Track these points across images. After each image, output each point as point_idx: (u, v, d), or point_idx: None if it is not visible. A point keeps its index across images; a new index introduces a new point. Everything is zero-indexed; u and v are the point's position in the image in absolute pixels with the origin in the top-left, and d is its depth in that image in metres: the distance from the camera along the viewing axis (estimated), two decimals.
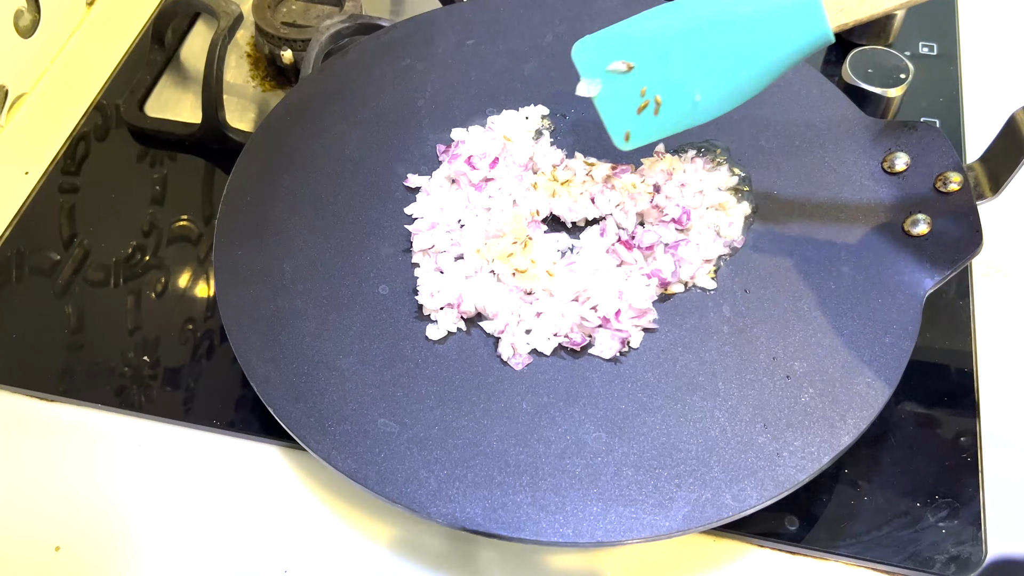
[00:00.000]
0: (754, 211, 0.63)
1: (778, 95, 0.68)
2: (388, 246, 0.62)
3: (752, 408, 0.54)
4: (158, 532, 0.57)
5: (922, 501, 0.56)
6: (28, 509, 0.58)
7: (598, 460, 0.52)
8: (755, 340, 0.57)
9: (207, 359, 0.64)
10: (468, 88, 0.71)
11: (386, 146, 0.68)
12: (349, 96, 0.70)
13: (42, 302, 0.67)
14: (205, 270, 0.69)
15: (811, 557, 0.56)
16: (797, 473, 0.51)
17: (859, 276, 0.59)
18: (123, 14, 0.88)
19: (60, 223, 0.72)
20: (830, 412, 0.53)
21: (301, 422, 0.54)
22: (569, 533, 0.50)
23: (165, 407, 0.62)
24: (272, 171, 0.66)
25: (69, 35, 0.85)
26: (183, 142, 0.76)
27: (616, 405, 0.55)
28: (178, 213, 0.72)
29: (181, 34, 0.85)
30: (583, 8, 0.74)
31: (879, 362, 0.55)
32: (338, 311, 0.59)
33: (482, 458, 0.53)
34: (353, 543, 0.57)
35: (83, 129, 0.78)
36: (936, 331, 0.64)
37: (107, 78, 0.82)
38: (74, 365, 0.64)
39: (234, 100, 0.80)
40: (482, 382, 0.56)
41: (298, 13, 0.81)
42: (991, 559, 0.54)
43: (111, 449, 0.61)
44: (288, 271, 0.61)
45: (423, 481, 0.52)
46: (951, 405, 0.61)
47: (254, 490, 0.59)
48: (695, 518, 0.50)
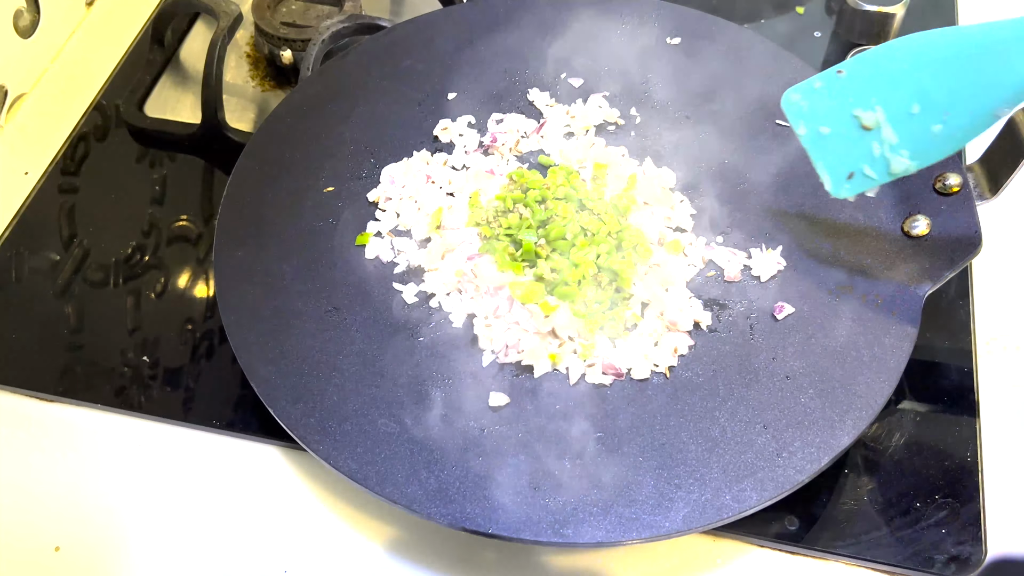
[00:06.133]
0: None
1: (778, 95, 0.68)
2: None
3: (752, 408, 0.54)
4: (158, 532, 0.57)
5: (922, 501, 0.56)
6: (28, 509, 0.58)
7: (598, 460, 0.52)
8: (755, 340, 0.57)
9: (207, 359, 0.64)
10: (468, 89, 0.71)
11: (386, 147, 0.68)
12: (349, 96, 0.70)
13: (42, 302, 0.67)
14: (205, 270, 0.69)
15: (811, 557, 0.56)
16: (797, 474, 0.51)
17: (859, 277, 0.59)
18: (123, 14, 0.88)
19: (60, 223, 0.72)
20: (830, 412, 0.53)
21: (301, 422, 0.54)
22: (569, 533, 0.50)
23: (165, 407, 0.61)
24: (272, 171, 0.66)
25: (69, 35, 0.85)
26: (183, 142, 0.76)
27: (616, 406, 0.55)
28: (178, 213, 0.72)
29: (181, 34, 0.85)
30: (583, 9, 0.74)
31: (879, 362, 0.55)
32: (338, 311, 0.59)
33: (482, 459, 0.53)
34: (353, 543, 0.56)
35: (83, 129, 0.78)
36: (936, 331, 0.64)
37: (107, 78, 0.82)
38: (74, 365, 0.64)
39: (234, 100, 0.80)
40: (482, 384, 0.56)
41: (298, 13, 0.81)
42: (991, 559, 0.54)
43: (111, 449, 0.61)
44: (288, 271, 0.61)
45: (423, 481, 0.52)
46: (951, 405, 0.61)
47: (254, 490, 0.59)
48: (695, 518, 0.50)
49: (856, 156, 0.56)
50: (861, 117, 0.55)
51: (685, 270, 0.61)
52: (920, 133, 0.54)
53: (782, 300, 0.59)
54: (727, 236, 0.63)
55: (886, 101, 0.54)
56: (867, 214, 0.62)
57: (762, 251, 0.62)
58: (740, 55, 0.71)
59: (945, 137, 0.53)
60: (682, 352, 0.57)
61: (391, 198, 0.65)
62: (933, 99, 0.53)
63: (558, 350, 0.57)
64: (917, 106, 0.53)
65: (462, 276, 0.60)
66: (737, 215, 0.64)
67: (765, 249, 0.62)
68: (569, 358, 0.57)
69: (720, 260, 0.61)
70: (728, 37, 0.72)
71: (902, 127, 0.54)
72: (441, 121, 0.69)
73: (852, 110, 0.55)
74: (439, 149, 0.68)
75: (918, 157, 0.54)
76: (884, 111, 0.54)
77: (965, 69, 0.52)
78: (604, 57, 0.72)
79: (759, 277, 0.60)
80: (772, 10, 0.86)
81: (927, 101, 0.53)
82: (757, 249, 0.62)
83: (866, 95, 0.55)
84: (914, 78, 0.53)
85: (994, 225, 0.61)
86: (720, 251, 0.62)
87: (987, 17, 0.85)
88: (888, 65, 0.54)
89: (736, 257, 0.61)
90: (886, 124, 0.54)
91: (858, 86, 0.55)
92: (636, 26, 0.73)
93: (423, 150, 0.68)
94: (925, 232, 0.59)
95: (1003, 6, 0.86)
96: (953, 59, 0.52)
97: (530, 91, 0.71)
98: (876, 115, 0.54)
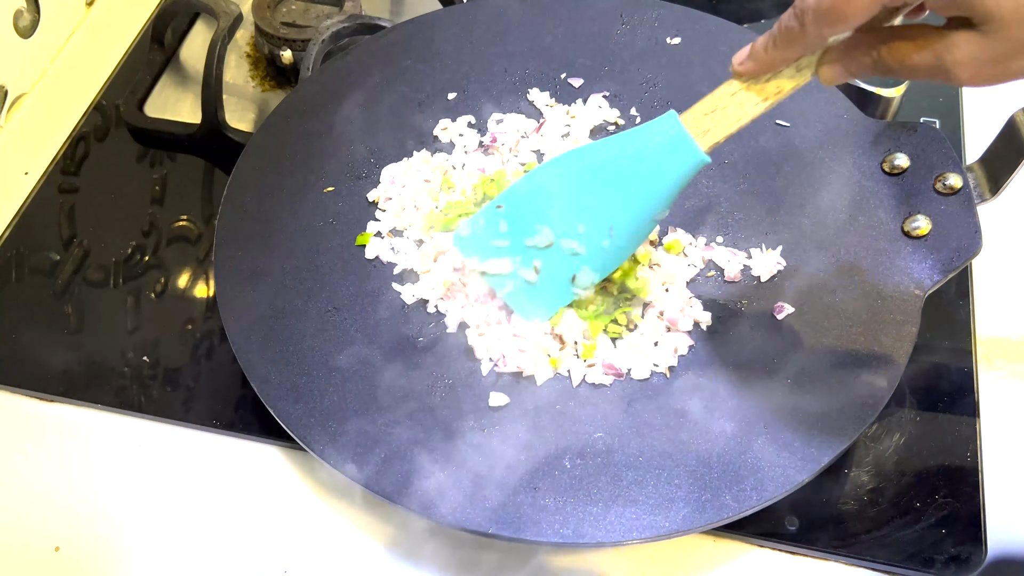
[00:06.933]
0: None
1: None
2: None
3: (752, 408, 0.54)
4: (158, 532, 0.57)
5: (922, 501, 0.56)
6: (28, 509, 0.58)
7: (598, 461, 0.52)
8: (755, 340, 0.57)
9: (207, 359, 0.64)
10: (468, 89, 0.71)
11: (386, 147, 0.68)
12: (349, 96, 0.70)
13: (42, 302, 0.67)
14: (205, 270, 0.69)
15: (811, 557, 0.56)
16: (797, 474, 0.51)
17: (859, 276, 0.59)
18: (123, 14, 0.88)
19: (60, 223, 0.72)
20: (830, 412, 0.53)
21: (301, 422, 0.54)
22: (569, 533, 0.50)
23: (165, 407, 0.61)
24: (272, 171, 0.66)
25: (69, 35, 0.85)
26: (183, 142, 0.76)
27: (616, 406, 0.55)
28: (178, 213, 0.72)
29: (181, 34, 0.85)
30: (582, 9, 0.74)
31: (879, 362, 0.55)
32: (338, 312, 0.59)
33: (483, 459, 0.53)
34: (353, 543, 0.56)
35: (83, 129, 0.78)
36: (936, 331, 0.64)
37: (107, 78, 0.82)
38: (74, 365, 0.64)
39: (234, 100, 0.80)
40: (482, 383, 0.56)
41: (298, 13, 0.81)
42: (991, 559, 0.54)
43: (111, 449, 0.61)
44: (288, 271, 0.61)
45: (423, 481, 0.52)
46: (951, 405, 0.61)
47: (254, 490, 0.59)
48: (695, 518, 0.50)
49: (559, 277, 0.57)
50: (536, 243, 0.56)
51: (685, 270, 0.61)
52: (594, 248, 0.55)
53: (782, 300, 0.59)
54: (727, 236, 0.63)
55: (553, 224, 0.55)
56: (867, 214, 0.62)
57: (762, 251, 0.62)
58: None
59: (615, 250, 0.55)
60: (682, 352, 0.57)
61: (391, 198, 0.65)
62: (595, 216, 0.54)
63: (559, 353, 0.57)
64: (582, 226, 0.55)
65: (450, 286, 0.59)
66: (737, 215, 0.64)
67: (765, 249, 0.62)
68: (570, 360, 0.57)
69: (720, 260, 0.61)
70: (728, 37, 0.72)
71: (581, 243, 0.55)
72: (441, 121, 0.69)
73: (524, 240, 0.56)
74: (439, 149, 0.68)
75: (599, 271, 0.56)
76: (553, 233, 0.55)
77: (615, 181, 0.53)
78: (604, 57, 0.72)
79: (759, 277, 0.60)
80: (772, 10, 0.86)
81: (590, 219, 0.54)
82: (757, 249, 0.62)
83: (531, 222, 0.56)
84: (572, 199, 0.54)
85: (994, 225, 0.61)
86: (720, 251, 0.62)
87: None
88: (544, 190, 0.55)
89: (736, 257, 0.61)
90: (564, 240, 0.55)
91: (522, 215, 0.56)
92: (636, 26, 0.73)
93: (423, 150, 0.68)
94: (925, 232, 0.59)
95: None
96: (602, 173, 0.53)
97: (530, 91, 0.71)
98: (547, 237, 0.55)
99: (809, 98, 0.68)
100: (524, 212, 0.56)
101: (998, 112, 0.61)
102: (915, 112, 0.77)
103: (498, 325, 0.58)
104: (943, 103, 0.77)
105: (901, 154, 0.63)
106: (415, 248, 0.62)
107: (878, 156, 0.64)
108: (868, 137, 0.65)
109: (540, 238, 0.56)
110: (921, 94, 0.77)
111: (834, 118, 0.66)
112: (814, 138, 0.66)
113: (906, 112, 0.76)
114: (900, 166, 0.62)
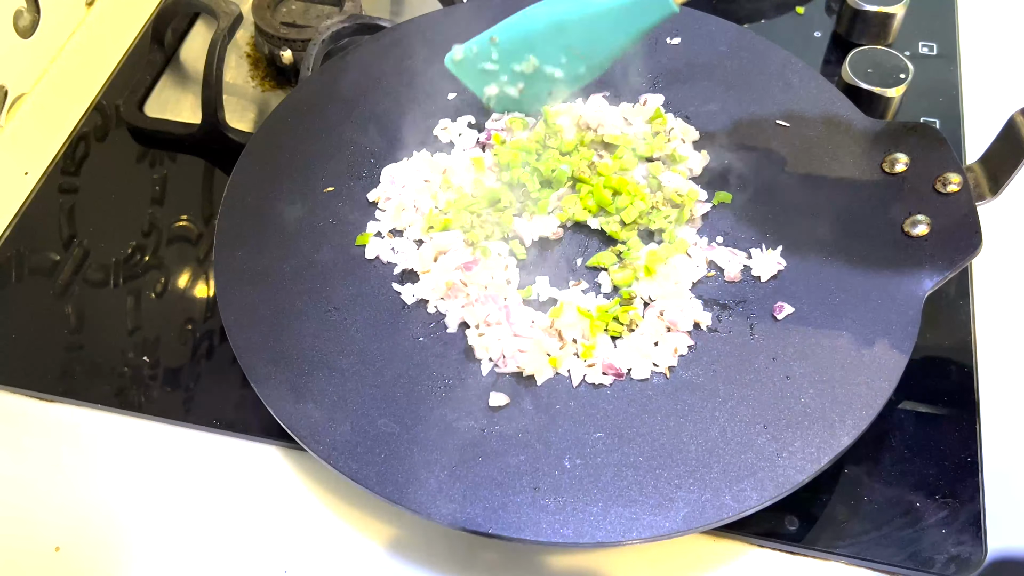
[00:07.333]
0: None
1: (778, 95, 0.69)
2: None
3: (752, 408, 0.54)
4: (158, 532, 0.57)
5: (922, 501, 0.56)
6: (28, 509, 0.58)
7: (598, 460, 0.52)
8: (755, 340, 0.57)
9: (207, 359, 0.64)
10: (468, 89, 0.71)
11: (386, 147, 0.68)
12: (349, 96, 0.70)
13: (42, 302, 0.67)
14: (205, 270, 0.69)
15: (811, 557, 0.56)
16: (797, 474, 0.51)
17: (859, 276, 0.59)
18: (123, 14, 0.88)
19: (60, 223, 0.72)
20: (830, 412, 0.53)
21: (301, 422, 0.54)
22: (569, 533, 0.50)
23: (165, 407, 0.61)
24: (272, 171, 0.66)
25: (69, 35, 0.85)
26: (183, 142, 0.76)
27: (616, 406, 0.55)
28: (178, 213, 0.72)
29: (181, 34, 0.85)
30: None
31: (879, 362, 0.55)
32: (338, 311, 0.59)
33: (482, 458, 0.53)
34: (353, 543, 0.57)
35: (83, 129, 0.78)
36: (936, 331, 0.64)
37: (107, 78, 0.82)
38: (74, 365, 0.64)
39: (234, 100, 0.80)
40: (482, 383, 0.56)
41: (298, 13, 0.81)
42: (991, 559, 0.54)
43: (111, 449, 0.61)
44: (288, 271, 0.61)
45: (423, 481, 0.52)
46: (951, 405, 0.61)
47: (254, 490, 0.59)
48: (695, 518, 0.50)
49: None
50: (523, 69, 0.66)
51: (692, 271, 0.60)
52: (571, 74, 0.66)
53: (782, 300, 0.59)
54: (727, 236, 0.63)
55: (539, 55, 0.65)
56: (867, 214, 0.62)
57: (762, 251, 0.62)
58: (740, 55, 0.71)
59: (588, 72, 0.66)
60: (682, 352, 0.57)
61: (391, 198, 0.65)
62: (575, 51, 0.64)
63: (559, 353, 0.57)
64: (564, 58, 0.65)
65: (451, 287, 0.59)
66: (737, 215, 0.64)
67: (765, 249, 0.62)
68: (570, 360, 0.57)
69: (720, 260, 0.61)
70: (728, 37, 0.72)
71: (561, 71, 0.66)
72: (441, 121, 0.69)
73: (512, 66, 0.66)
74: (439, 149, 0.68)
75: (571, 87, 0.67)
76: (538, 61, 0.65)
77: (598, 27, 0.63)
78: None
79: (759, 277, 0.60)
80: (772, 10, 0.86)
81: (571, 53, 0.64)
82: (757, 249, 0.62)
83: (520, 52, 0.65)
84: (558, 36, 0.64)
85: (994, 225, 0.61)
86: (720, 251, 0.62)
87: (987, 15, 0.85)
88: (535, 27, 0.64)
89: (736, 257, 0.61)
90: (547, 67, 0.66)
91: (513, 46, 0.65)
92: None
93: (423, 150, 0.68)
94: (925, 232, 0.59)
95: (1002, 6, 0.86)
96: (588, 20, 0.63)
97: None
98: (532, 64, 0.65)
99: (809, 98, 0.68)
100: (515, 44, 0.65)
101: (998, 112, 0.61)
102: (915, 112, 0.77)
103: (498, 325, 0.58)
104: (943, 103, 0.77)
105: (901, 154, 0.63)
106: (415, 248, 0.62)
107: (878, 156, 0.64)
108: (868, 137, 0.65)
109: (527, 65, 0.65)
110: (921, 94, 0.78)
111: (834, 118, 0.66)
112: (814, 138, 0.66)
113: (906, 112, 0.77)
114: (900, 166, 0.62)
